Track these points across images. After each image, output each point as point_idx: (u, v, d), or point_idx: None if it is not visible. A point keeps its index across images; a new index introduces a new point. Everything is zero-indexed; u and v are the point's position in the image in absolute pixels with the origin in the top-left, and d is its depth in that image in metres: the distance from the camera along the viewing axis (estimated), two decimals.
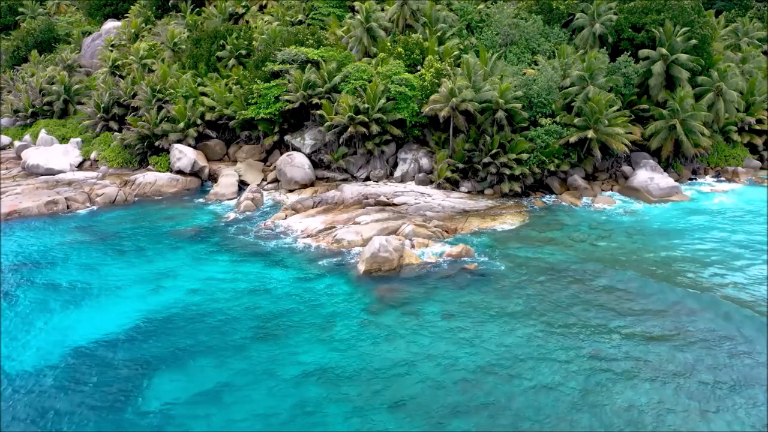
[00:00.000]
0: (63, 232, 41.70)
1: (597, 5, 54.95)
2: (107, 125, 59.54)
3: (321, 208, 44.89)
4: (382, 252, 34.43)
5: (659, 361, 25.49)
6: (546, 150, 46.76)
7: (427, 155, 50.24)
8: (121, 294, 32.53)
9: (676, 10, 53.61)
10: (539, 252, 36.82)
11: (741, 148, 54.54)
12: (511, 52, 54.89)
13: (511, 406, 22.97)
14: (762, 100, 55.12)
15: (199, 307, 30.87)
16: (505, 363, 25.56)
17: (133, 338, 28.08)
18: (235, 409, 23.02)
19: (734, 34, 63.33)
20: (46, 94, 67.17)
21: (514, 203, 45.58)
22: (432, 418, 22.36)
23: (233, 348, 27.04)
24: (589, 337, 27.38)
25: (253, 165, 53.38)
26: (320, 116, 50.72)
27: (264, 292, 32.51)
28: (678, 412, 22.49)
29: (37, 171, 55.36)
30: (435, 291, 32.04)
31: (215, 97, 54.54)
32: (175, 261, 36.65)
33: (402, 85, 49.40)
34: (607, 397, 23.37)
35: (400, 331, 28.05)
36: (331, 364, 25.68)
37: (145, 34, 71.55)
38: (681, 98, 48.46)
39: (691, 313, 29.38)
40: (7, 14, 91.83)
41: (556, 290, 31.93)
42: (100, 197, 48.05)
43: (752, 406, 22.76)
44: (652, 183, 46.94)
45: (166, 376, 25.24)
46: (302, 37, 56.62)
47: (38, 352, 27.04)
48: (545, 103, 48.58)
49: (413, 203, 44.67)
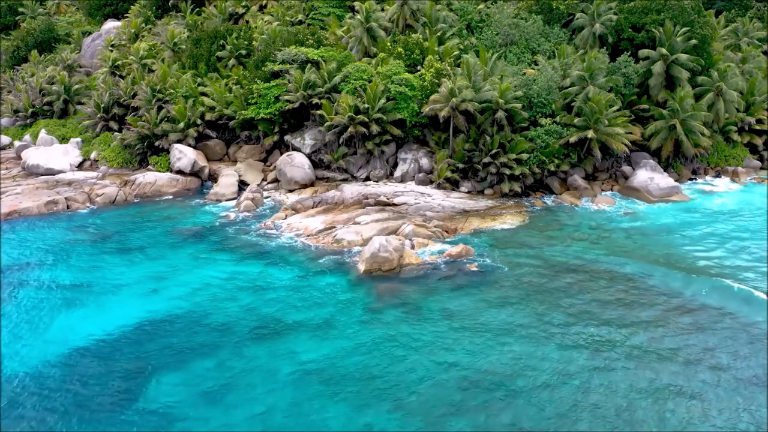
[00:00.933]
0: (63, 232, 41.71)
1: (597, 5, 54.96)
2: (107, 125, 59.53)
3: (321, 208, 44.89)
4: (382, 252, 34.44)
5: (661, 361, 25.49)
6: (546, 150, 46.76)
7: (427, 155, 50.24)
8: (121, 294, 32.53)
9: (676, 10, 53.61)
10: (539, 252, 36.83)
11: (741, 148, 54.55)
12: (511, 52, 54.89)
13: (511, 405, 22.97)
14: (762, 100, 55.13)
15: (199, 306, 30.88)
16: (505, 362, 25.56)
17: (134, 338, 28.09)
18: (235, 409, 23.03)
19: (734, 34, 63.35)
20: (46, 94, 67.15)
21: (514, 203, 45.58)
22: (432, 418, 22.36)
23: (233, 348, 27.03)
24: (589, 337, 27.37)
25: (253, 165, 53.38)
26: (320, 116, 50.72)
27: (264, 291, 32.52)
28: (679, 411, 22.52)
29: (37, 171, 55.34)
30: (435, 291, 32.05)
31: (215, 97, 54.54)
32: (175, 261, 36.65)
33: (402, 85, 49.40)
34: (608, 396, 23.36)
35: (400, 331, 28.06)
36: (331, 364, 25.67)
37: (145, 34, 71.54)
38: (681, 98, 48.46)
39: (699, 311, 29.39)
40: (7, 14, 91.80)
41: (556, 290, 31.93)
42: (100, 197, 48.05)
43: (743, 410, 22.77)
44: (652, 183, 46.94)
45: (166, 376, 25.23)
46: (302, 37, 56.63)
47: (38, 352, 27.03)
48: (545, 103, 48.59)
49: (413, 203, 44.67)
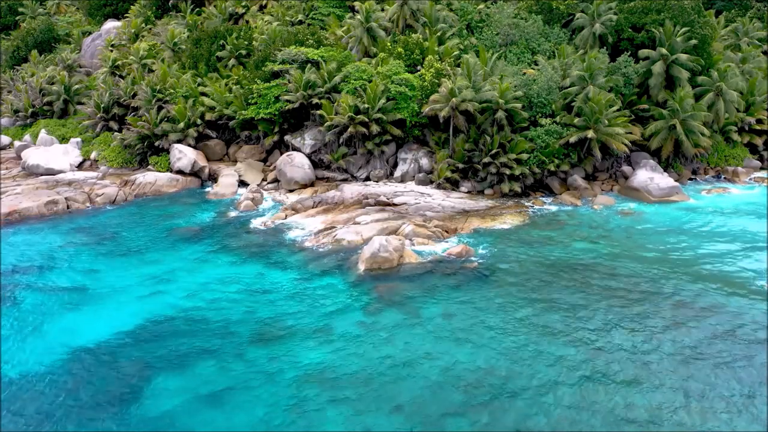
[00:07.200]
0: (63, 232, 41.69)
1: (597, 5, 54.94)
2: (107, 125, 59.54)
3: (321, 208, 44.89)
4: (382, 252, 34.44)
5: (661, 360, 25.49)
6: (546, 150, 46.76)
7: (427, 155, 50.25)
8: (120, 295, 32.49)
9: (676, 10, 53.59)
10: (539, 251, 36.83)
11: (741, 148, 54.53)
12: (511, 52, 54.89)
13: (511, 406, 22.96)
14: (762, 100, 55.12)
15: (199, 307, 30.86)
16: (506, 362, 25.55)
17: (133, 340, 28.07)
18: (235, 411, 23.02)
19: (734, 34, 63.34)
20: (46, 94, 67.16)
21: (514, 203, 45.58)
22: (432, 419, 22.34)
23: (233, 349, 27.01)
24: (589, 336, 27.36)
25: (253, 165, 53.38)
26: (320, 116, 50.73)
27: (264, 292, 32.51)
28: (679, 409, 22.52)
29: (37, 171, 55.34)
30: (435, 290, 32.04)
31: (215, 97, 54.54)
32: (174, 261, 36.63)
33: (402, 85, 49.40)
34: (609, 396, 23.35)
35: (400, 331, 28.04)
36: (330, 364, 25.65)
37: (145, 34, 71.55)
38: (681, 98, 48.45)
39: (698, 310, 29.38)
40: (7, 14, 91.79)
41: (556, 289, 31.92)
42: (100, 197, 48.05)
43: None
44: (652, 183, 46.94)
45: (166, 378, 25.21)
46: (302, 37, 56.63)
47: (38, 354, 27.01)
48: (545, 103, 48.59)
49: (413, 203, 44.67)
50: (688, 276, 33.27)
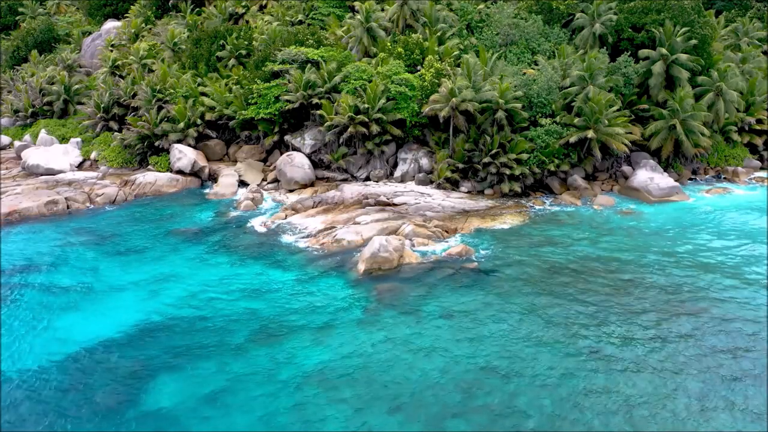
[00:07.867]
0: (63, 232, 41.67)
1: (597, 5, 54.93)
2: (107, 125, 59.52)
3: (321, 208, 44.88)
4: (382, 252, 34.44)
5: (662, 360, 25.48)
6: (546, 150, 46.75)
7: (427, 155, 50.24)
8: (120, 295, 32.50)
9: (676, 10, 53.58)
10: (539, 251, 36.82)
11: (741, 148, 54.52)
12: (511, 52, 54.88)
13: (512, 406, 22.96)
14: (762, 100, 55.11)
15: (199, 308, 30.85)
16: (506, 362, 25.55)
17: (133, 340, 28.05)
18: (235, 412, 23.02)
19: (734, 34, 63.31)
20: (46, 94, 67.13)
21: (514, 203, 45.57)
22: (432, 419, 22.34)
23: (232, 350, 27.00)
24: (590, 336, 27.37)
25: (253, 165, 53.37)
26: (320, 116, 50.72)
27: (263, 292, 32.50)
28: (678, 409, 22.52)
29: (37, 171, 55.33)
30: (435, 290, 32.04)
31: (215, 97, 54.53)
32: (174, 262, 36.62)
33: (402, 85, 49.39)
34: (609, 396, 23.35)
35: (400, 331, 28.04)
36: (330, 365, 25.65)
37: (145, 34, 71.53)
38: (681, 98, 48.44)
39: (692, 313, 29.37)
40: (7, 14, 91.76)
41: (556, 289, 31.92)
42: (100, 197, 48.04)
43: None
44: (652, 183, 46.93)
45: (166, 377, 25.20)
46: (302, 37, 56.62)
47: (38, 354, 27.02)
48: (545, 103, 48.58)
49: (413, 203, 44.66)
50: (689, 276, 33.27)
